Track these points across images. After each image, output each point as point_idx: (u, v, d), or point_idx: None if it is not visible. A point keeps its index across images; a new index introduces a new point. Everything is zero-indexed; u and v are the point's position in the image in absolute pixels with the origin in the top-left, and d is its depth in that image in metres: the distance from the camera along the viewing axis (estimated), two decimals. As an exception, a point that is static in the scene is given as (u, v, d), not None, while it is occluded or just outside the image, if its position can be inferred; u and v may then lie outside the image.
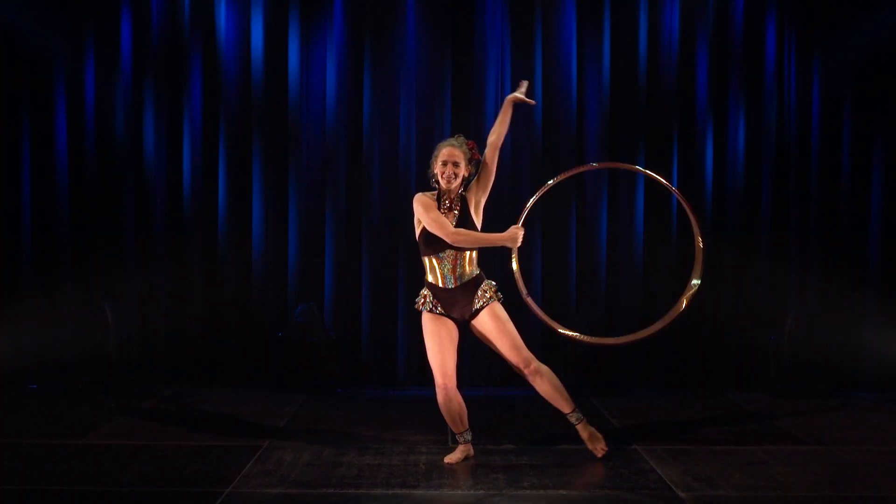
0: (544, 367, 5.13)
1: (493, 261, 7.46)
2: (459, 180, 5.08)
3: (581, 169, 5.89)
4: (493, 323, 5.07)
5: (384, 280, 7.54)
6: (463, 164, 5.08)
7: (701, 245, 5.34)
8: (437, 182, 5.13)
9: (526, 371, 5.09)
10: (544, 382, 5.11)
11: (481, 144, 5.24)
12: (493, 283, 5.17)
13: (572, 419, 5.21)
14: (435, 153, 5.16)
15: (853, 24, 7.43)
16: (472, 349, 7.44)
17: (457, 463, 5.10)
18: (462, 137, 5.20)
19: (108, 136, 7.50)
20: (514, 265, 5.20)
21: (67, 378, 7.22)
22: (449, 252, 5.03)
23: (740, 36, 7.52)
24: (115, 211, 7.48)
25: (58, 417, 6.26)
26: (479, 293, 5.07)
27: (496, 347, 5.13)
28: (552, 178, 7.58)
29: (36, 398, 7.00)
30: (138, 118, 7.51)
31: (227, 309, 7.54)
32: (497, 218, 7.48)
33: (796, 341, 7.18)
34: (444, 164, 5.06)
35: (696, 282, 5.30)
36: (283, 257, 7.57)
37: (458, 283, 5.07)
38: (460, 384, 5.15)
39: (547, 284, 7.55)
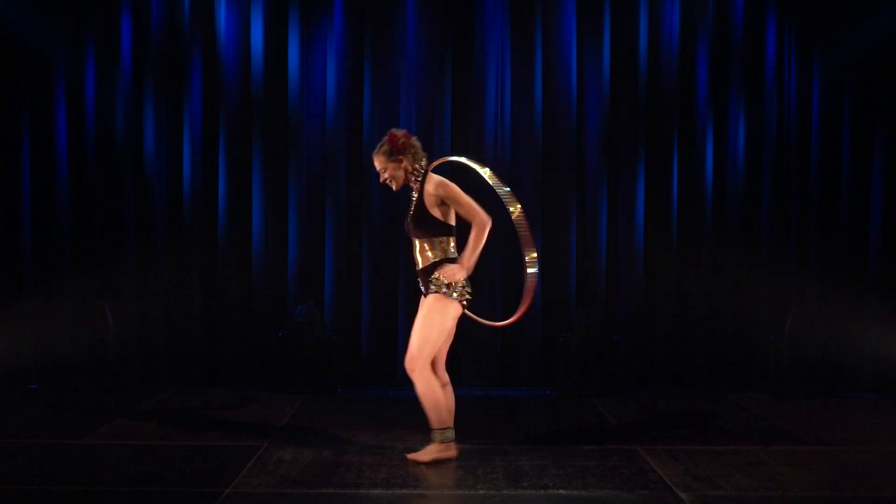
0: (417, 384, 4.99)
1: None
2: (396, 182, 5.06)
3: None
4: (419, 312, 5.03)
5: (384, 280, 7.54)
6: (389, 165, 5.03)
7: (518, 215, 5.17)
8: None
9: (406, 368, 5.00)
10: (417, 391, 5.03)
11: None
12: (453, 272, 4.96)
13: (433, 435, 5.09)
14: None
15: (853, 24, 7.43)
16: (473, 349, 7.45)
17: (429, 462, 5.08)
18: (384, 139, 5.08)
19: (108, 137, 7.50)
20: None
21: (67, 378, 7.22)
22: (415, 238, 5.07)
23: (740, 36, 7.52)
24: (115, 211, 7.48)
25: (58, 417, 6.26)
26: (430, 282, 5.00)
27: None
28: (551, 177, 7.65)
29: (36, 398, 7.00)
30: (138, 118, 7.51)
31: (227, 309, 7.54)
32: (497, 216, 7.47)
33: (796, 341, 7.18)
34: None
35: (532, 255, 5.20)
36: (283, 257, 7.57)
37: (421, 266, 5.05)
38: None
39: (547, 284, 7.55)
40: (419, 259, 5.08)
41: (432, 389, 4.99)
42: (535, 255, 5.17)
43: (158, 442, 5.55)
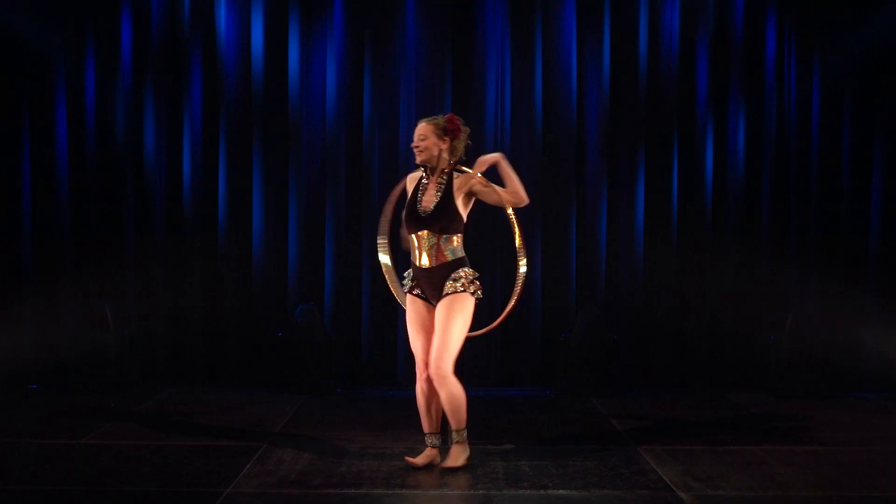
0: (449, 387, 4.84)
1: (492, 262, 7.46)
2: (426, 154, 4.91)
3: None
4: (441, 314, 4.87)
5: (384, 280, 7.51)
6: (432, 138, 4.91)
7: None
8: None
9: (437, 374, 4.83)
10: (442, 396, 4.89)
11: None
12: (474, 273, 4.95)
13: (453, 435, 4.95)
14: None
15: (853, 24, 7.42)
16: (473, 349, 7.45)
17: (421, 465, 4.96)
18: (443, 116, 5.03)
19: (108, 136, 7.50)
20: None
21: (67, 378, 7.20)
22: (425, 232, 4.89)
23: (740, 36, 7.51)
24: (115, 210, 7.48)
25: (58, 417, 6.25)
26: (451, 280, 4.88)
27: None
28: (552, 178, 7.64)
29: (36, 398, 6.99)
30: (138, 118, 7.51)
31: (227, 309, 7.54)
32: (490, 218, 7.50)
33: (796, 341, 7.17)
34: (413, 140, 4.97)
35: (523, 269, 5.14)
36: (283, 257, 7.57)
37: (433, 264, 4.90)
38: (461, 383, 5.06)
39: (547, 284, 7.55)
40: (427, 257, 4.92)
41: (461, 391, 4.90)
42: (523, 260, 5.13)
43: (158, 442, 5.55)
